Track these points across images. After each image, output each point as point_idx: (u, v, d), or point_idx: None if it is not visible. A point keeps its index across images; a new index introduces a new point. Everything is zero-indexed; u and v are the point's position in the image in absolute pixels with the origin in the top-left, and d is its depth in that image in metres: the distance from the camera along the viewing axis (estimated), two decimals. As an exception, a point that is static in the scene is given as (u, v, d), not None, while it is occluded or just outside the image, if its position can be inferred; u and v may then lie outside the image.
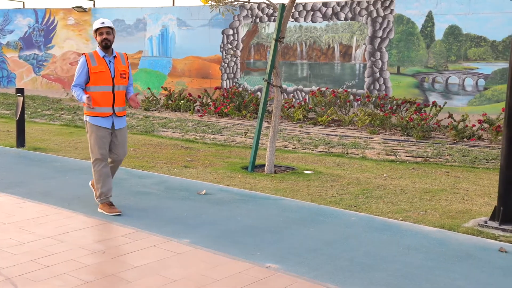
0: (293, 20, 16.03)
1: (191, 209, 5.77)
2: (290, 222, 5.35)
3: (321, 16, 15.67)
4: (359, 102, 14.51)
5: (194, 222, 5.32)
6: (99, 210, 5.52)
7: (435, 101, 13.18)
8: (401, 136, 11.78)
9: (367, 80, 15.00)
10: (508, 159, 5.36)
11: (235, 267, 4.15)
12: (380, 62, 14.79)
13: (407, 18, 14.27)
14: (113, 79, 5.44)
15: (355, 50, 15.21)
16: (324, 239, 4.85)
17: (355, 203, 6.17)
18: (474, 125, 11.53)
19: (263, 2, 8.35)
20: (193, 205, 5.91)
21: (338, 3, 15.35)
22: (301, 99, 15.81)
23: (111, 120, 5.47)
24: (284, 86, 16.01)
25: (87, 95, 5.29)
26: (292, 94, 16.23)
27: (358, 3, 15.03)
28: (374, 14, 14.76)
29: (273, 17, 16.43)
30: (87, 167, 6.89)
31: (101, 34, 5.43)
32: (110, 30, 5.46)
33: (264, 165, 7.95)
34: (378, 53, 14.81)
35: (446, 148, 10.11)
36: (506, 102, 5.37)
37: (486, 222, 5.38)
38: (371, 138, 11.34)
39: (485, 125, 11.43)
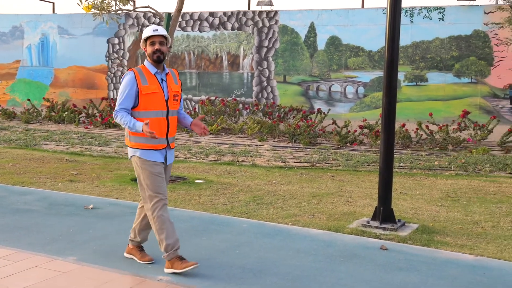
0: (180, 29, 15.97)
1: (78, 224, 5.52)
2: (181, 232, 5.29)
3: (208, 25, 15.76)
4: (248, 110, 14.77)
5: (81, 238, 5.08)
6: (166, 270, 4.23)
7: (319, 108, 13.76)
8: (289, 142, 12.14)
9: (255, 88, 15.31)
10: (386, 162, 5.71)
11: (125, 282, 4.02)
12: (267, 71, 15.16)
13: (291, 29, 14.78)
14: (166, 101, 4.27)
15: (243, 60, 15.47)
16: (217, 248, 4.86)
17: (246, 210, 6.24)
18: (355, 131, 12.19)
19: (149, 11, 8.23)
20: (79, 221, 5.65)
21: (224, 13, 15.54)
22: (191, 109, 15.77)
23: (164, 153, 4.32)
24: (173, 95, 15.82)
25: (146, 121, 4.07)
26: (181, 104, 16.10)
27: (244, 14, 15.32)
28: (260, 25, 15.12)
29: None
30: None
31: (152, 44, 4.24)
32: (164, 39, 4.29)
33: (154, 176, 7.79)
34: (265, 62, 15.18)
35: (331, 153, 10.57)
36: (383, 108, 5.73)
37: (368, 222, 5.68)
38: (261, 145, 11.57)
39: (366, 130, 12.12)
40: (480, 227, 5.69)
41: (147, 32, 4.26)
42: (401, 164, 9.47)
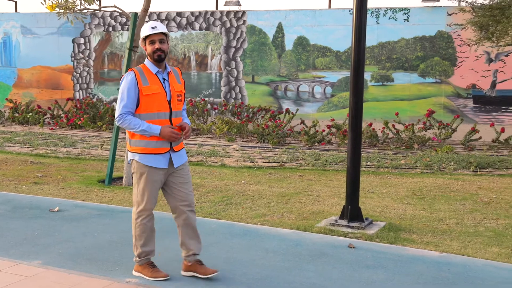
0: (147, 29, 15.80)
1: (43, 228, 5.41)
2: (150, 234, 5.24)
3: (175, 25, 15.66)
4: (216, 110, 14.74)
5: (46, 241, 4.99)
6: (134, 273, 4.18)
7: (288, 108, 13.82)
8: (258, 142, 12.16)
9: (223, 89, 15.28)
10: (353, 161, 5.77)
11: (92, 285, 3.96)
12: (235, 71, 15.15)
13: (259, 29, 14.80)
14: (169, 102, 4.05)
15: (211, 60, 15.42)
16: (185, 249, 4.82)
17: (215, 210, 6.23)
18: (323, 130, 12.29)
19: (115, 11, 8.13)
20: (45, 224, 5.54)
21: (192, 13, 15.46)
22: (159, 109, 15.62)
23: (167, 157, 4.05)
24: (140, 96, 15.69)
25: (174, 126, 3.97)
26: (149, 104, 15.96)
27: (212, 14, 15.27)
28: (228, 25, 15.10)
29: (126, 26, 16.07)
30: None
31: (152, 42, 4.03)
32: (164, 37, 4.07)
33: (122, 178, 7.72)
34: (233, 63, 15.16)
35: (300, 152, 10.63)
36: (350, 108, 5.79)
37: (336, 221, 5.74)
38: (229, 145, 11.56)
39: (333, 130, 12.23)
40: (445, 224, 5.81)
41: (145, 30, 4.05)
42: (368, 163, 9.59)
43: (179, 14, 15.61)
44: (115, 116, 4.02)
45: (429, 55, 13.48)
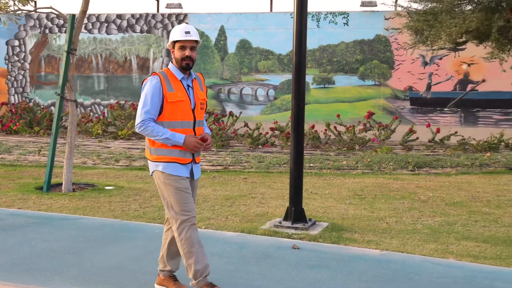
0: (86, 31, 15.44)
1: (-24, 238, 5.17)
2: (91, 241, 5.11)
3: (116, 28, 15.37)
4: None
5: (-20, 253, 4.76)
6: (157, 286, 3.97)
7: (231, 111, 13.83)
8: (201, 146, 12.09)
9: (166, 92, 15.10)
10: (297, 163, 5.84)
11: (30, 297, 3.82)
12: (177, 74, 15.00)
13: (202, 32, 14.75)
14: (193, 110, 3.77)
15: (153, 63, 15.23)
16: (128, 255, 4.74)
17: (159, 215, 6.15)
18: (267, 133, 12.38)
19: (52, 13, 7.89)
20: (-22, 234, 5.30)
21: (133, 16, 15.23)
22: (100, 113, 15.30)
23: (190, 167, 3.79)
24: (80, 100, 15.32)
25: (197, 137, 3.73)
26: (89, 108, 15.60)
27: (153, 16, 15.10)
28: (170, 27, 14.95)
29: (64, 28, 15.62)
30: None
31: (182, 48, 3.72)
32: (195, 45, 3.76)
33: (61, 184, 7.49)
34: (176, 66, 15.02)
35: (244, 155, 10.66)
36: (292, 110, 5.86)
37: (280, 222, 5.78)
38: (173, 149, 11.44)
39: (277, 132, 12.34)
40: (385, 222, 5.97)
41: (177, 34, 3.72)
42: (311, 164, 9.73)
43: (119, 16, 15.34)
44: (136, 122, 3.69)
45: (368, 58, 13.84)
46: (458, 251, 4.97)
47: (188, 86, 3.78)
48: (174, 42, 3.74)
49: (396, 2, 11.99)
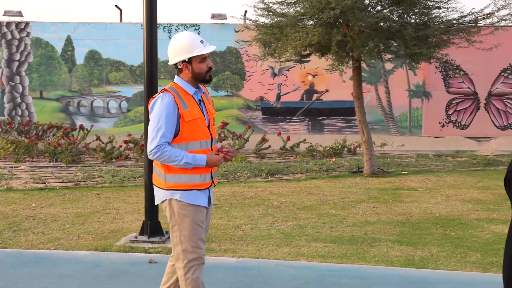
0: None
1: None
2: None
3: None
4: (0, 130, 13.46)
5: None
6: None
7: (82, 125, 13.24)
8: (49, 162, 11.42)
9: (7, 106, 14.03)
10: (151, 175, 5.72)
11: None
12: (20, 86, 14.03)
13: (46, 42, 13.95)
14: (208, 128, 3.34)
15: (-9, 74, 14.05)
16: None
17: (1, 239, 5.66)
18: (121, 146, 12.03)
19: None
20: None
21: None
22: None
23: (207, 193, 3.36)
24: None
25: (217, 153, 3.28)
26: None
27: (-10, 24, 13.95)
28: (9, 36, 13.93)
29: None
30: None
31: (203, 60, 3.27)
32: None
33: None
34: (18, 77, 14.03)
35: (96, 170, 10.24)
36: (145, 122, 5.75)
37: (136, 237, 5.64)
38: (17, 167, 10.65)
39: (131, 145, 12.05)
40: (241, 230, 6.10)
41: (196, 47, 3.24)
42: (167, 176, 9.63)
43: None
44: (150, 148, 3.22)
45: (221, 69, 14.11)
46: (309, 253, 5.23)
47: (200, 100, 3.38)
48: (195, 57, 3.27)
49: (244, 15, 12.40)
